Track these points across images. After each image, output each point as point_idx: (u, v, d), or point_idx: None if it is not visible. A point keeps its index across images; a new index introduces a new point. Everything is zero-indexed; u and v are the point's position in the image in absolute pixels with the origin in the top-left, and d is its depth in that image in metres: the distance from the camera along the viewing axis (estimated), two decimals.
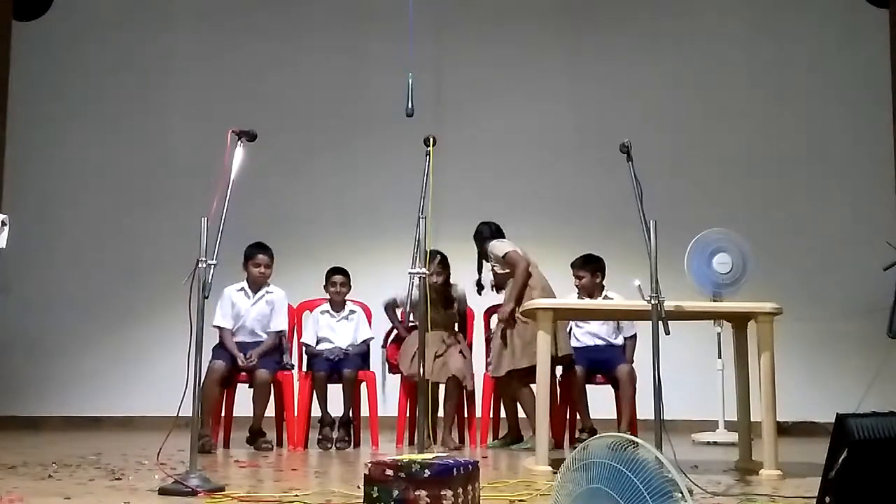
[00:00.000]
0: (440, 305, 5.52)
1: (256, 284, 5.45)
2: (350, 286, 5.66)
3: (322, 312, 5.64)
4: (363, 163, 7.36)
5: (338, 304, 5.64)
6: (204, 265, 3.45)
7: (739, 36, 7.52)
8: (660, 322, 3.53)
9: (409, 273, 3.87)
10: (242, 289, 5.47)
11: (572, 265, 5.64)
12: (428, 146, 4.09)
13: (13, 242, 3.62)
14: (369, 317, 5.73)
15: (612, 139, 3.95)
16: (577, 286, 5.60)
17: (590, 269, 5.57)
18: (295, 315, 5.68)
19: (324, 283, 5.66)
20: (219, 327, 5.35)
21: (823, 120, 7.35)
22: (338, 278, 5.61)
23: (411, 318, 4.82)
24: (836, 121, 7.33)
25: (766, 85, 7.39)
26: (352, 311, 5.66)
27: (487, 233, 5.48)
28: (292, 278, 5.85)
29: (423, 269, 3.86)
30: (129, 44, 7.50)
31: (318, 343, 5.57)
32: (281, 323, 5.46)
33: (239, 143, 3.68)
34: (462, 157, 6.94)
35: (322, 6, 7.66)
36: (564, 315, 5.06)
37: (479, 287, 5.60)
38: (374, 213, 6.95)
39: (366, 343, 5.61)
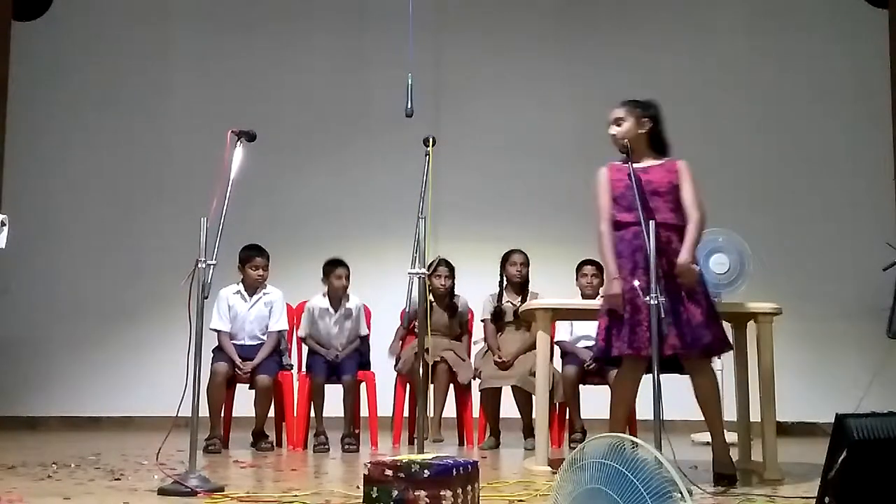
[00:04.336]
0: (445, 313, 5.55)
1: (254, 287, 5.42)
2: (349, 280, 5.55)
3: (321, 311, 5.52)
4: (363, 163, 7.36)
5: (336, 300, 5.53)
6: (203, 265, 3.45)
7: (738, 35, 7.52)
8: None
9: (409, 273, 3.87)
10: (238, 292, 5.42)
11: (580, 265, 5.70)
12: (428, 146, 4.09)
13: (13, 242, 3.62)
14: (368, 317, 5.71)
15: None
16: (586, 284, 5.64)
17: (597, 268, 5.64)
18: (294, 315, 5.67)
19: (322, 276, 5.54)
20: (216, 330, 5.32)
21: (823, 120, 7.35)
22: (341, 271, 5.47)
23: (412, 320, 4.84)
24: (836, 120, 7.33)
25: (766, 84, 7.39)
26: (349, 309, 5.56)
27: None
28: (292, 279, 5.85)
29: (423, 270, 3.86)
30: (128, 44, 7.49)
31: (313, 338, 5.47)
32: (281, 323, 5.44)
33: (239, 143, 3.68)
34: (462, 157, 6.94)
35: (322, 6, 7.66)
36: (564, 315, 5.07)
37: (496, 315, 5.64)
38: (374, 213, 6.95)
39: (360, 339, 5.52)
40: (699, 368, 3.80)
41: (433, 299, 5.36)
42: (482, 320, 5.71)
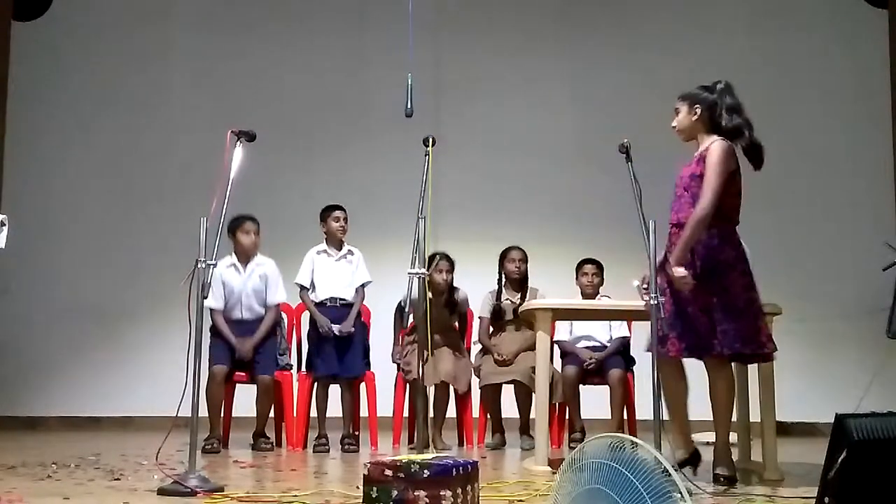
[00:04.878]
0: (444, 309, 5.53)
1: (246, 255, 5.31)
2: (347, 223, 5.47)
3: (319, 253, 5.43)
4: (363, 163, 7.36)
5: (336, 243, 5.44)
6: (203, 265, 3.45)
7: (738, 36, 7.52)
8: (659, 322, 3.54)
9: (409, 273, 3.87)
10: (233, 265, 5.29)
11: (580, 264, 5.71)
12: (427, 146, 4.09)
13: (13, 242, 3.61)
14: (368, 317, 5.70)
15: (611, 139, 3.95)
16: (586, 283, 5.64)
17: (597, 267, 5.67)
18: (294, 315, 5.67)
19: (320, 221, 5.46)
20: (210, 309, 5.12)
21: (823, 119, 7.35)
22: (340, 213, 5.42)
23: (411, 319, 4.81)
24: (836, 120, 7.33)
25: (765, 85, 7.36)
26: (350, 252, 5.46)
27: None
28: (292, 279, 5.84)
29: (423, 270, 3.86)
30: (128, 44, 7.50)
31: (314, 287, 5.38)
32: (278, 296, 5.37)
33: (238, 143, 3.68)
34: (462, 157, 6.94)
35: (322, 6, 7.66)
36: (564, 315, 5.07)
37: (496, 314, 5.62)
38: (374, 213, 6.93)
39: (363, 287, 5.41)
40: (711, 369, 3.78)
41: (432, 295, 5.29)
42: (479, 317, 5.69)
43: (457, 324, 5.71)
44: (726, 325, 3.64)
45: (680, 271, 3.62)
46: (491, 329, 5.68)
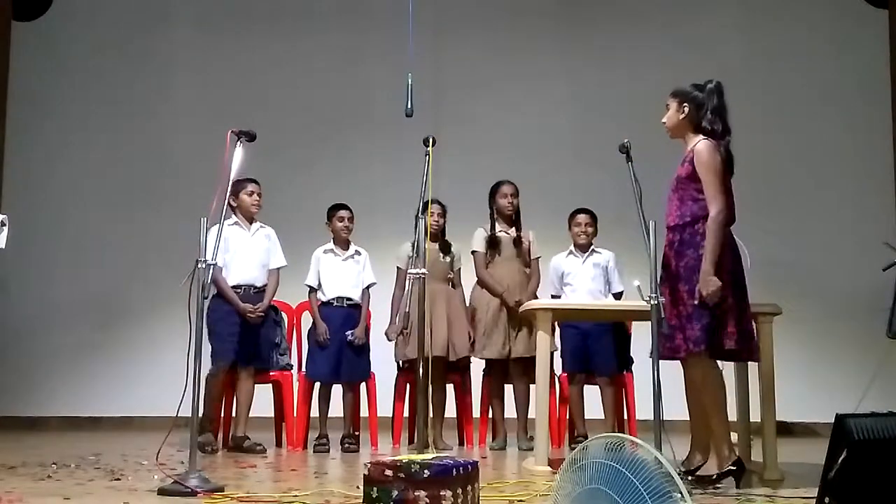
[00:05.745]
0: (438, 253, 5.39)
1: (251, 217, 5.24)
2: (353, 223, 5.47)
3: (325, 252, 5.43)
4: (363, 163, 7.37)
5: (343, 243, 5.45)
6: (203, 265, 3.45)
7: (737, 36, 7.52)
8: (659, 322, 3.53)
9: (409, 273, 3.87)
10: (236, 223, 5.15)
11: (573, 213, 5.72)
12: (427, 146, 4.09)
13: (13, 242, 3.62)
14: (369, 318, 5.69)
15: (611, 139, 3.95)
16: (578, 233, 5.61)
17: (590, 217, 5.64)
18: (294, 315, 5.66)
19: (326, 221, 5.47)
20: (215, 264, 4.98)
21: (823, 120, 7.35)
22: (345, 213, 5.42)
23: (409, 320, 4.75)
24: (836, 121, 7.33)
25: (765, 85, 7.38)
26: (357, 252, 5.46)
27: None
28: (292, 279, 5.84)
29: (423, 270, 3.86)
30: (128, 44, 7.51)
31: (321, 287, 5.37)
32: (280, 259, 5.32)
33: (239, 143, 3.68)
34: (462, 157, 6.94)
35: (322, 6, 7.66)
36: (564, 315, 5.06)
37: (491, 243, 5.49)
38: (374, 213, 6.94)
39: (368, 289, 5.43)
40: (684, 369, 3.76)
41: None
42: (473, 252, 5.51)
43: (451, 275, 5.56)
44: (683, 326, 3.61)
45: (714, 281, 3.51)
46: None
